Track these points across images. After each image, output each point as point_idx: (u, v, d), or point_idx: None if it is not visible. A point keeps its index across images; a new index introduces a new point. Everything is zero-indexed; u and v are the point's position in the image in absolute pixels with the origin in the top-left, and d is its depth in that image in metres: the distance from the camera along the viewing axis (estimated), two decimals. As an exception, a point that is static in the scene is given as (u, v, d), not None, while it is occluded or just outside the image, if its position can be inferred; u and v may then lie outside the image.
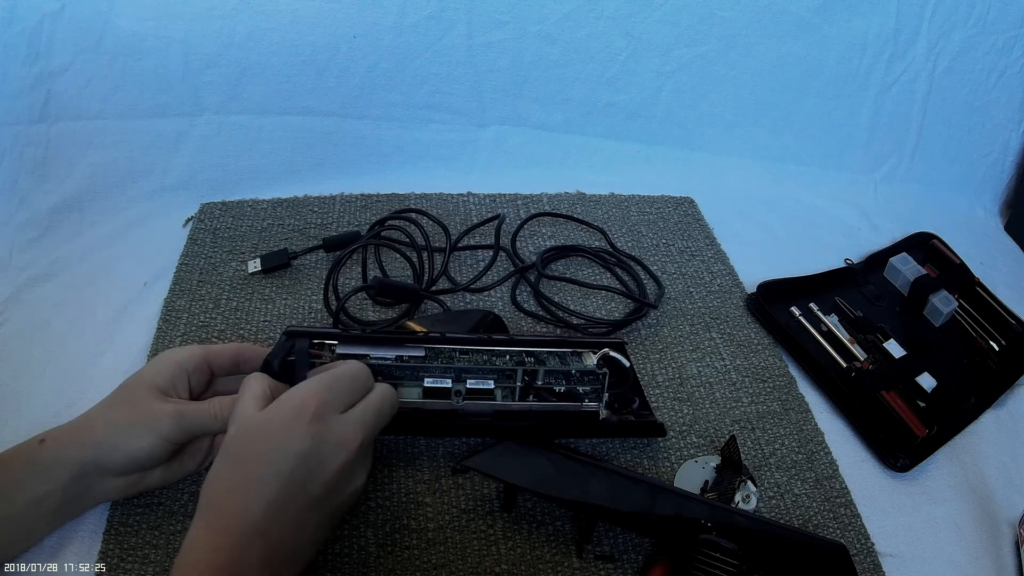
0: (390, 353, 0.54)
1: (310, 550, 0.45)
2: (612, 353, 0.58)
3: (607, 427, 0.58)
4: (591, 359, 0.58)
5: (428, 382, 0.54)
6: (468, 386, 0.55)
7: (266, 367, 0.51)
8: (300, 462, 0.43)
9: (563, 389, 0.57)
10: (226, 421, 0.48)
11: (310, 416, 0.44)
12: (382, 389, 0.49)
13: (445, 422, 0.55)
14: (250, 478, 0.42)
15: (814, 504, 0.59)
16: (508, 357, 0.57)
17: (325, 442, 0.44)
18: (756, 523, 0.51)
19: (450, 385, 0.54)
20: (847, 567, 0.50)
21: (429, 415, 0.54)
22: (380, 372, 0.54)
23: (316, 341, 0.54)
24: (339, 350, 0.54)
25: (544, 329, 0.70)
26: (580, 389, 0.57)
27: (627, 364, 0.59)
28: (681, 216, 0.86)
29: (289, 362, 0.51)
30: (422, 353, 0.55)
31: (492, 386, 0.55)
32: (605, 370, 0.58)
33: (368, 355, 0.54)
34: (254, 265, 0.71)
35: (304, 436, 0.43)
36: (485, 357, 0.56)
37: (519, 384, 0.56)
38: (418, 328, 0.60)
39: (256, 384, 0.47)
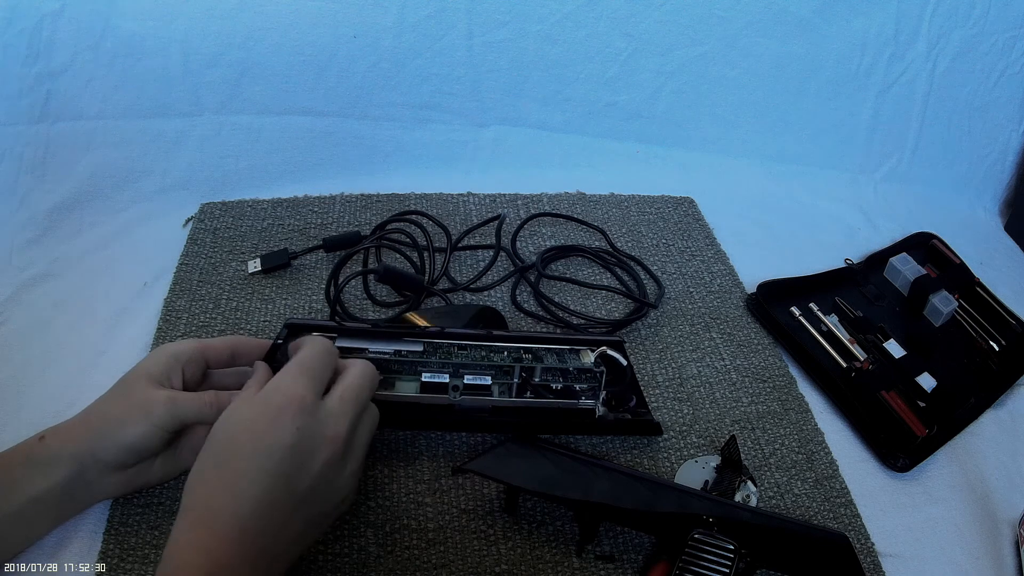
0: (388, 347, 0.55)
1: (295, 551, 0.44)
2: (609, 352, 0.58)
3: (603, 425, 0.58)
4: (589, 357, 0.58)
5: (426, 377, 0.54)
6: (466, 382, 0.55)
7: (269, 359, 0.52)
8: (286, 457, 0.42)
9: (560, 386, 0.57)
10: (220, 411, 0.48)
11: (295, 409, 0.43)
12: (359, 366, 0.48)
13: (442, 417, 0.55)
14: (236, 476, 0.41)
15: (814, 504, 0.59)
16: (506, 353, 0.57)
17: (311, 434, 0.43)
18: (758, 516, 0.51)
19: (448, 380, 0.54)
20: (849, 558, 0.51)
21: (426, 410, 0.54)
22: (378, 366, 0.54)
23: (315, 334, 0.54)
24: (338, 343, 0.54)
25: (544, 328, 0.70)
26: (577, 387, 0.57)
27: (624, 363, 0.59)
28: (681, 216, 0.86)
29: (277, 344, 0.52)
30: (420, 348, 0.55)
31: (489, 382, 0.56)
32: (602, 368, 0.58)
33: (367, 348, 0.54)
34: (254, 265, 0.71)
35: (290, 429, 0.42)
36: (483, 353, 0.56)
37: (516, 381, 0.56)
38: (419, 321, 0.60)
39: (250, 382, 0.47)
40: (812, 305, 0.75)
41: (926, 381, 0.67)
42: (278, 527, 0.42)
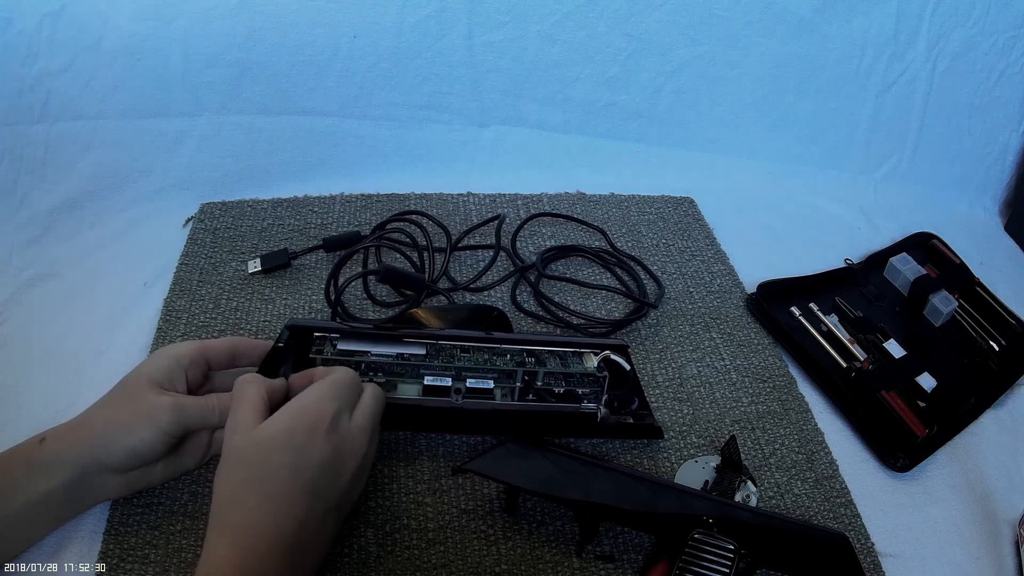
0: (391, 350, 0.55)
1: (323, 552, 0.46)
2: (613, 356, 0.58)
3: (605, 428, 0.58)
4: (592, 361, 0.58)
5: (428, 380, 0.54)
6: (468, 385, 0.55)
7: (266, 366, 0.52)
8: (322, 473, 0.44)
9: (562, 390, 0.57)
10: (224, 415, 0.48)
11: (327, 426, 0.45)
12: (373, 390, 0.50)
13: (444, 419, 0.55)
14: (278, 495, 0.42)
15: (814, 504, 0.59)
16: (509, 357, 0.57)
17: (342, 451, 0.45)
18: (758, 516, 0.51)
19: (450, 383, 0.55)
20: (849, 558, 0.51)
21: (428, 412, 0.55)
22: (380, 369, 0.54)
23: (318, 335, 0.54)
24: (340, 345, 0.54)
25: (545, 329, 0.70)
26: (579, 391, 0.57)
27: (627, 368, 0.58)
28: (681, 216, 0.86)
29: (278, 348, 0.51)
30: (423, 351, 0.55)
31: (492, 386, 0.56)
32: (605, 373, 0.58)
33: (369, 351, 0.54)
34: (254, 265, 0.71)
35: (325, 447, 0.44)
36: (486, 356, 0.56)
37: (519, 384, 0.56)
38: (424, 315, 0.60)
39: (252, 390, 0.47)
40: (812, 305, 0.75)
41: (926, 381, 0.67)
42: (315, 538, 0.44)
